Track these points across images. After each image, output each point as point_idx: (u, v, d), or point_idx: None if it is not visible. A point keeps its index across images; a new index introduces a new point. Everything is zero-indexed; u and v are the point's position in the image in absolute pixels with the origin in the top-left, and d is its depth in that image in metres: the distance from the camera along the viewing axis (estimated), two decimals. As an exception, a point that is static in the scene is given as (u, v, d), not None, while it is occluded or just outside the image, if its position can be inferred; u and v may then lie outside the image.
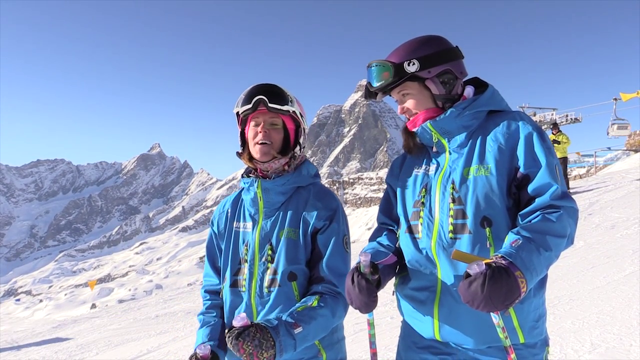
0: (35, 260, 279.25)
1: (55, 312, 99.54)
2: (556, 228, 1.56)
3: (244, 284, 2.01)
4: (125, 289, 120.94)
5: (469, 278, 1.44)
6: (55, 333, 9.99)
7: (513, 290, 1.41)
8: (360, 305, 1.72)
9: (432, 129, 1.84)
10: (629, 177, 19.46)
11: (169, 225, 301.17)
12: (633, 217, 11.33)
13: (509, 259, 1.45)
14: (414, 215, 1.87)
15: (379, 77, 1.88)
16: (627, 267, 7.30)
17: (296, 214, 2.04)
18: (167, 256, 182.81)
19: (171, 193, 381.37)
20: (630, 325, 4.82)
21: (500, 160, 1.72)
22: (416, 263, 1.83)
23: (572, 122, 45.70)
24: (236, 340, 1.62)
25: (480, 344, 1.72)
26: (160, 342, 7.64)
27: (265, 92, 2.01)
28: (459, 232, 1.72)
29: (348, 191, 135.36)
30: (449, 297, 1.74)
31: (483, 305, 1.42)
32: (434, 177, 1.85)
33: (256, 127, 2.04)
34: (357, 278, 1.70)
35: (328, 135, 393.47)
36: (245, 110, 2.01)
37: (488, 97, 1.86)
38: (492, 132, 1.80)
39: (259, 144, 2.02)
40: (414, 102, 1.88)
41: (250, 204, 2.09)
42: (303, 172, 2.11)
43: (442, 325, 1.76)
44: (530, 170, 1.67)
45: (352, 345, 5.57)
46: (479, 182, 1.72)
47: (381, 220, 2.09)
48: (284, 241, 2.00)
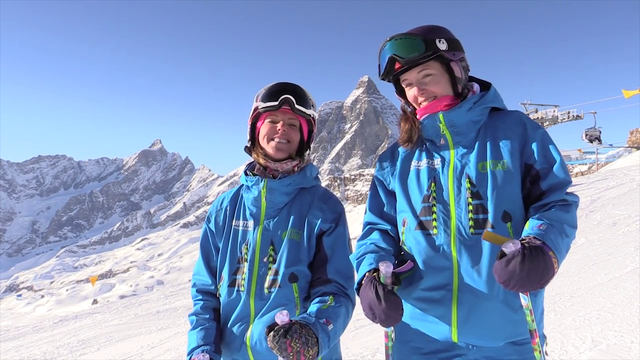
0: (36, 256, 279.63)
1: (57, 307, 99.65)
2: (569, 218, 1.62)
3: (243, 283, 1.95)
4: (126, 285, 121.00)
5: (505, 257, 1.44)
6: (56, 328, 10.01)
7: (548, 269, 1.44)
8: (387, 319, 1.63)
9: (442, 120, 1.80)
10: (631, 174, 19.43)
11: (170, 222, 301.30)
12: (634, 215, 11.32)
13: (541, 239, 1.48)
14: (424, 211, 1.79)
15: (411, 49, 1.78)
16: (628, 264, 7.29)
17: (300, 216, 2.01)
18: (169, 252, 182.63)
19: (172, 189, 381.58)
20: (632, 323, 4.82)
21: (514, 156, 1.74)
22: (430, 261, 1.75)
23: (574, 119, 45.63)
24: (284, 339, 1.54)
25: (500, 340, 1.70)
26: (161, 338, 7.65)
27: (292, 92, 1.98)
28: (480, 227, 1.69)
29: (349, 187, 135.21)
30: (468, 294, 1.69)
31: (520, 284, 1.42)
32: (442, 171, 1.81)
33: (274, 124, 2.01)
34: (382, 291, 1.61)
35: (329, 132, 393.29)
36: (269, 106, 1.96)
37: (493, 94, 1.87)
38: (501, 128, 1.81)
39: (277, 141, 1.99)
40: (436, 84, 1.82)
41: (252, 203, 2.04)
42: (307, 173, 2.08)
43: (461, 324, 1.70)
44: (545, 166, 1.71)
45: (353, 341, 5.57)
46: (498, 177, 1.72)
47: (370, 220, 1.99)
48: (286, 242, 1.96)
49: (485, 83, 1.94)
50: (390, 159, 2.00)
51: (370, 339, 5.56)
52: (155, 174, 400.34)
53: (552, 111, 46.22)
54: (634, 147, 38.31)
